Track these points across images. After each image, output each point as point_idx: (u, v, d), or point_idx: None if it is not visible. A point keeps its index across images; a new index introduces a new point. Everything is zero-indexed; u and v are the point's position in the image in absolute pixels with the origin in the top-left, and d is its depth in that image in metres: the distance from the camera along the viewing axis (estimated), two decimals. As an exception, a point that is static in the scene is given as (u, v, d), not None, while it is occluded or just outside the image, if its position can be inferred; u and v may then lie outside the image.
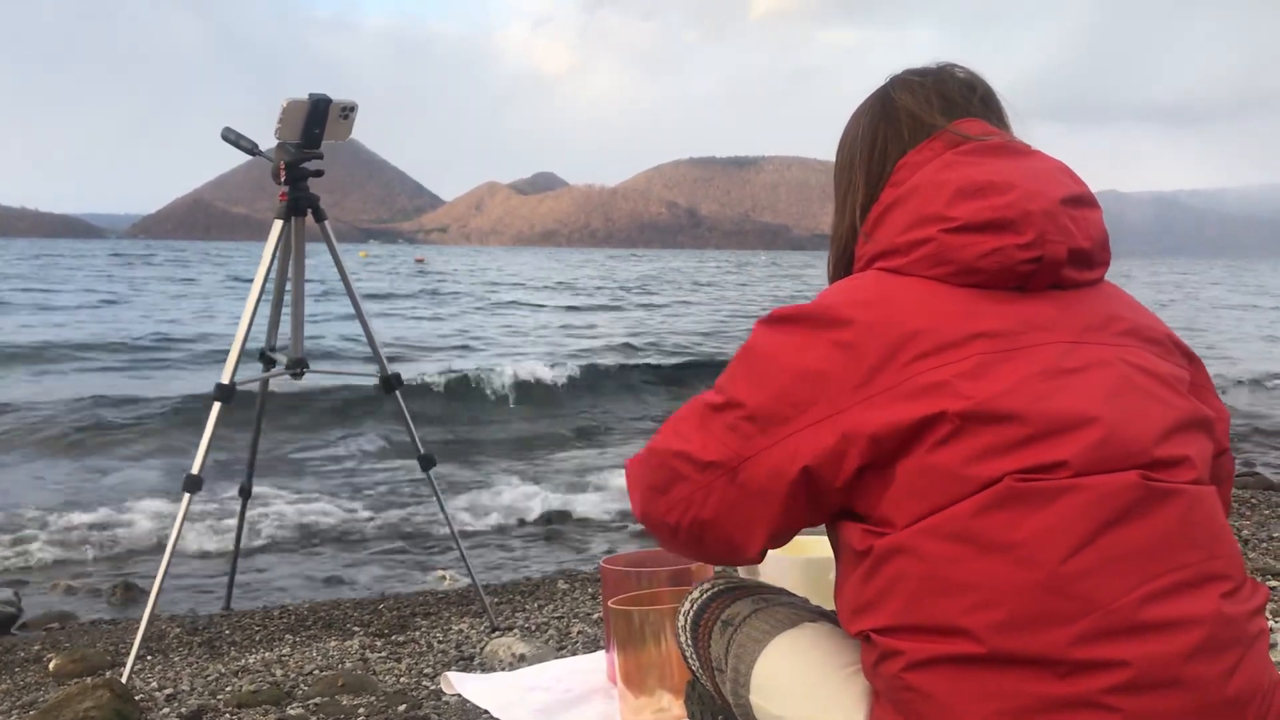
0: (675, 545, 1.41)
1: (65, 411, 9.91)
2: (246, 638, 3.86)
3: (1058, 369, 1.20)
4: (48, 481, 7.32)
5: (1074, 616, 1.10)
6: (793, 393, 1.23)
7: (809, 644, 1.38)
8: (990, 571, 1.12)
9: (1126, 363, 1.23)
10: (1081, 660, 1.09)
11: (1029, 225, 1.24)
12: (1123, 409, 1.19)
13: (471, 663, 3.00)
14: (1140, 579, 1.11)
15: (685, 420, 1.34)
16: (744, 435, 1.26)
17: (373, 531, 6.24)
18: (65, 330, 18.34)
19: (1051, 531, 1.12)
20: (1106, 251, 1.33)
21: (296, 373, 3.26)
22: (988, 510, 1.14)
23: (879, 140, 1.43)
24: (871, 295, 1.26)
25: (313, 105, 2.93)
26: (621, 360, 15.44)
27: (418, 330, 21.24)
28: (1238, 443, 9.04)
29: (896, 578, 1.18)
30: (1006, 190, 1.26)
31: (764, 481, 1.25)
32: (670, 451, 1.34)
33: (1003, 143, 1.36)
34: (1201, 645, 1.11)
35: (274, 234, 3.07)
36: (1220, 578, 1.16)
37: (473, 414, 11.10)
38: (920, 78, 1.45)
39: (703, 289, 44.24)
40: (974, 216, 1.24)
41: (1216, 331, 24.26)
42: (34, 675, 3.46)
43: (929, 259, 1.26)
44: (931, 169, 1.33)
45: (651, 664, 1.98)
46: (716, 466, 1.28)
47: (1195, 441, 1.25)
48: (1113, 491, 1.14)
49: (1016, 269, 1.24)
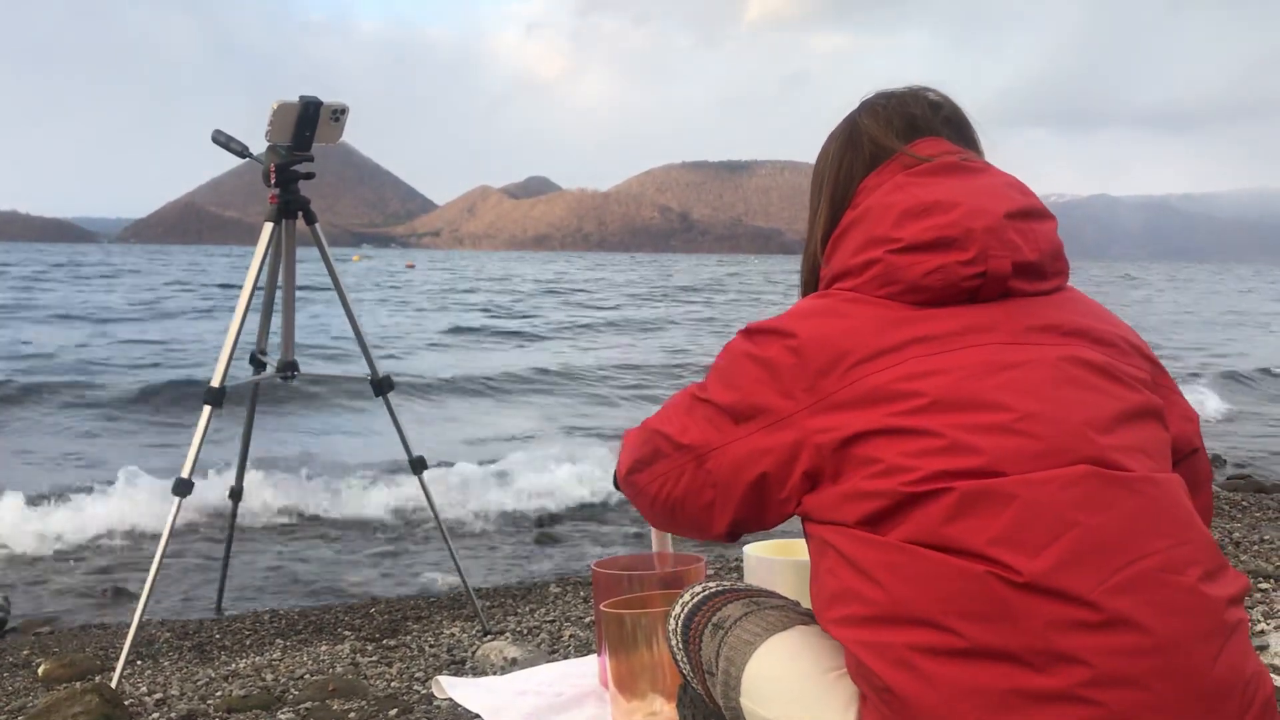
0: (651, 515, 1.54)
1: (57, 412, 9.88)
2: (237, 642, 3.84)
3: (993, 365, 1.24)
4: (38, 483, 7.28)
5: (1047, 610, 1.11)
6: (752, 396, 1.33)
7: (800, 646, 1.38)
8: (960, 567, 1.14)
9: (1067, 358, 1.26)
10: (1057, 652, 1.10)
11: (971, 242, 1.28)
12: (1061, 401, 1.22)
13: (463, 667, 3.00)
14: (1110, 569, 1.12)
15: (675, 405, 1.47)
16: (717, 427, 1.37)
17: (364, 535, 6.23)
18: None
19: (1013, 531, 1.14)
20: (1060, 261, 1.37)
21: (287, 375, 3.25)
22: (952, 517, 1.16)
23: (844, 164, 1.50)
24: (819, 310, 1.34)
25: (303, 107, 2.92)
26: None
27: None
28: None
29: (865, 569, 1.20)
30: (950, 209, 1.30)
31: (726, 473, 1.36)
32: (656, 429, 1.47)
33: (956, 162, 1.41)
34: (1180, 633, 1.11)
35: (264, 236, 3.07)
36: (1192, 562, 1.17)
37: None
38: (885, 101, 1.52)
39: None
40: (918, 236, 1.30)
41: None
42: (23, 680, 3.44)
43: (878, 279, 1.32)
44: (883, 191, 1.40)
45: (643, 667, 1.98)
46: (689, 450, 1.40)
47: (1146, 430, 1.27)
48: (1063, 485, 1.16)
49: (961, 285, 1.28)
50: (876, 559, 1.19)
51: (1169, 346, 19.10)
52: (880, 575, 1.19)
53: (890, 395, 1.23)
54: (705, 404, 1.39)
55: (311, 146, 3.00)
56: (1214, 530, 4.17)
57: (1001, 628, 1.11)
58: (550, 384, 13.61)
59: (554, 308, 30.03)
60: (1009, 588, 1.12)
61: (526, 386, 13.35)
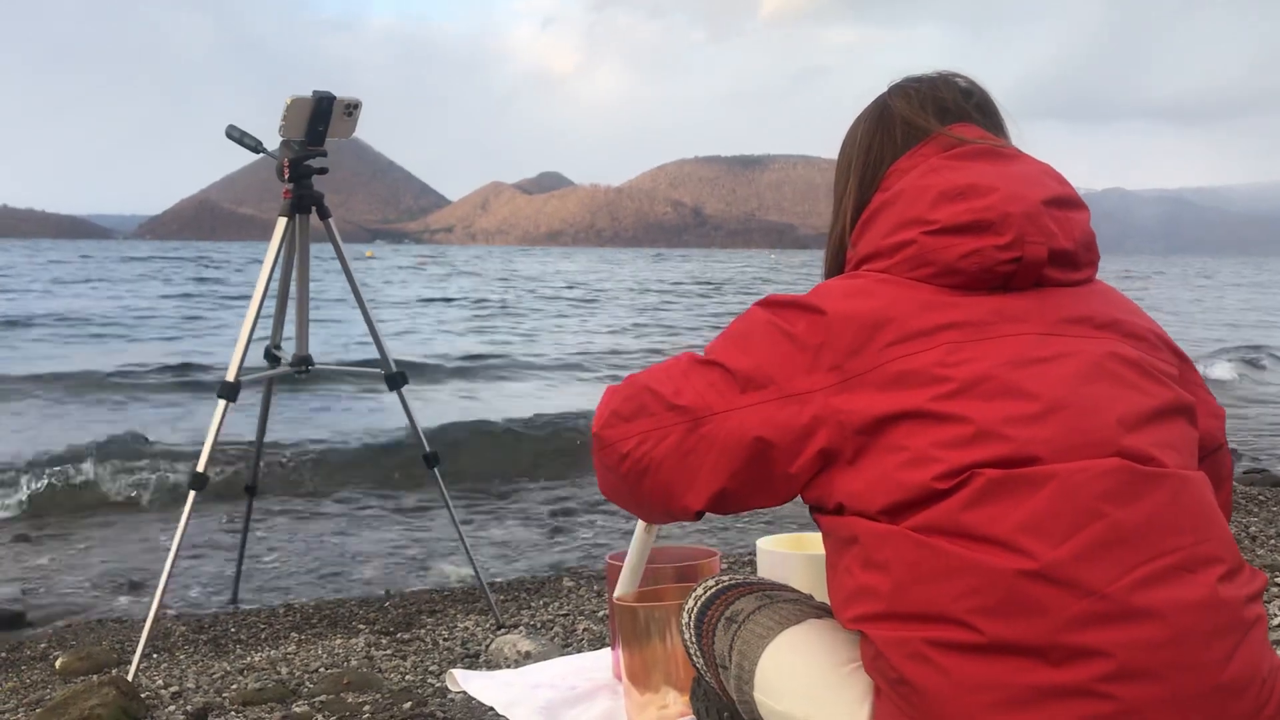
0: (615, 478, 1.43)
1: (75, 408, 9.93)
2: (252, 635, 3.86)
3: (1027, 358, 1.22)
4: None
5: (1065, 603, 1.10)
6: (770, 365, 1.29)
7: (813, 640, 1.38)
8: (979, 561, 1.13)
9: (1100, 352, 1.25)
10: (1074, 647, 1.09)
11: (1008, 226, 1.26)
12: (1093, 395, 1.21)
13: (477, 660, 3.00)
14: (1131, 564, 1.12)
15: (667, 368, 1.40)
16: (720, 392, 1.32)
17: (378, 529, 6.25)
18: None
19: (1036, 520, 1.13)
20: (1092, 252, 1.35)
21: (301, 370, 3.26)
22: (972, 504, 1.15)
23: (874, 146, 1.47)
24: (849, 290, 1.31)
25: (316, 102, 2.93)
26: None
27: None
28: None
29: (885, 566, 1.19)
30: (988, 193, 1.28)
31: (725, 440, 1.30)
32: (644, 385, 1.39)
33: (990, 147, 1.39)
34: (1196, 629, 1.11)
35: (278, 231, 3.08)
36: (1214, 560, 1.16)
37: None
38: (917, 85, 1.49)
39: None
40: (954, 219, 1.28)
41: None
42: (40, 673, 3.47)
43: (911, 261, 1.30)
44: (917, 173, 1.37)
45: (657, 661, 1.98)
46: (683, 411, 1.33)
47: (1177, 427, 1.26)
48: (1094, 477, 1.15)
49: (996, 269, 1.26)
50: (894, 555, 1.18)
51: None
52: (898, 572, 1.18)
53: (921, 379, 1.21)
54: (710, 367, 1.34)
55: (325, 141, 3.01)
56: (1231, 525, 4.15)
57: (1019, 622, 1.10)
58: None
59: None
60: (1027, 580, 1.11)
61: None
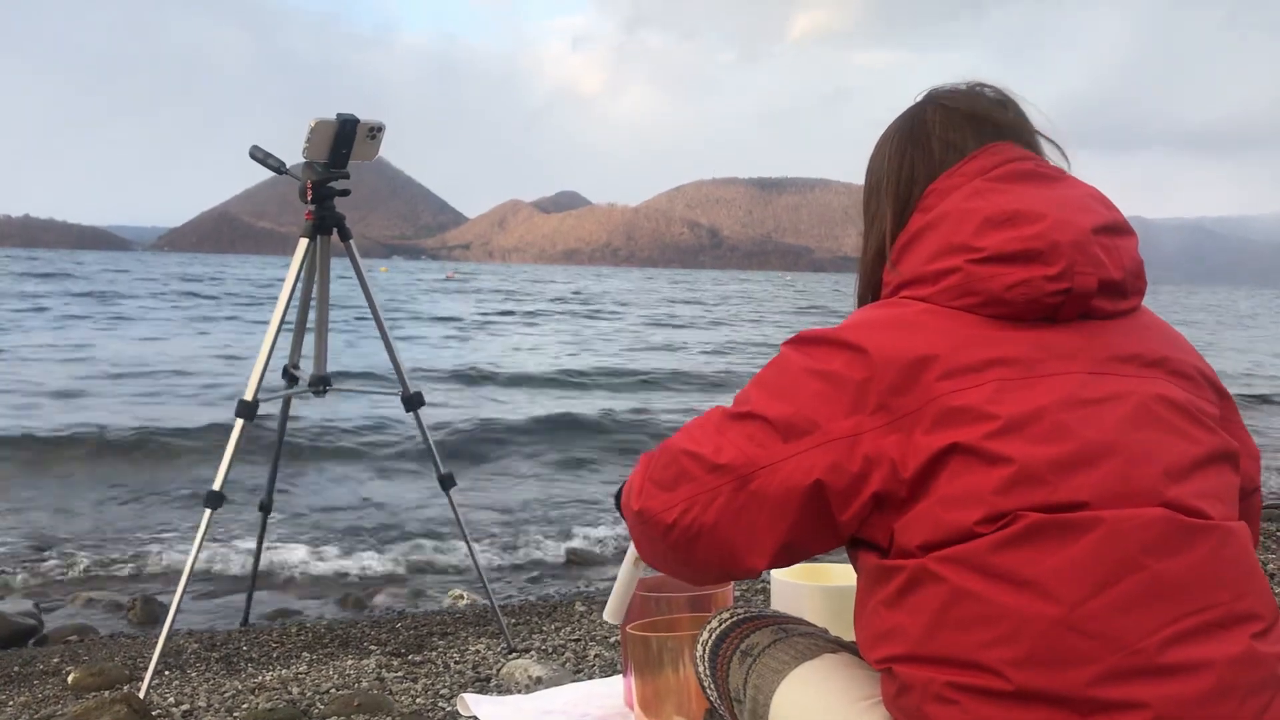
0: (663, 546, 1.35)
1: (91, 431, 9.97)
2: (264, 654, 3.86)
3: (1076, 399, 1.18)
4: (70, 496, 7.36)
5: (1096, 656, 1.07)
6: (811, 409, 1.22)
7: (828, 675, 1.36)
8: (1011, 607, 1.10)
9: (1149, 394, 1.21)
10: (1103, 700, 1.07)
11: (1058, 256, 1.21)
12: (1142, 442, 1.17)
13: (488, 684, 2.99)
14: (1167, 619, 1.09)
15: (700, 426, 1.32)
16: (760, 444, 1.24)
17: (391, 550, 6.24)
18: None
19: (1075, 567, 1.10)
20: (1141, 280, 1.30)
21: (319, 390, 3.28)
22: (1010, 544, 1.12)
23: (906, 164, 1.40)
24: (891, 321, 1.25)
25: (340, 125, 2.95)
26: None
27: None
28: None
29: (916, 607, 1.16)
30: (1036, 220, 1.23)
31: (778, 494, 1.23)
32: (681, 450, 1.31)
33: (1033, 168, 1.33)
34: (1230, 687, 1.08)
35: (299, 252, 3.10)
36: (1251, 618, 1.13)
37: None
38: (951, 98, 1.42)
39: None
40: (1002, 247, 1.22)
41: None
42: (52, 688, 3.47)
43: (955, 289, 1.24)
44: (960, 195, 1.31)
45: (669, 690, 1.97)
46: (726, 470, 1.26)
47: (1221, 475, 1.22)
48: (1138, 527, 1.11)
49: (1044, 300, 1.22)
50: (927, 597, 1.15)
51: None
52: (929, 615, 1.15)
53: (971, 416, 1.16)
54: (746, 420, 1.26)
55: (348, 164, 3.03)
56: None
57: (1049, 672, 1.08)
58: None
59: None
60: (1060, 629, 1.08)
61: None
